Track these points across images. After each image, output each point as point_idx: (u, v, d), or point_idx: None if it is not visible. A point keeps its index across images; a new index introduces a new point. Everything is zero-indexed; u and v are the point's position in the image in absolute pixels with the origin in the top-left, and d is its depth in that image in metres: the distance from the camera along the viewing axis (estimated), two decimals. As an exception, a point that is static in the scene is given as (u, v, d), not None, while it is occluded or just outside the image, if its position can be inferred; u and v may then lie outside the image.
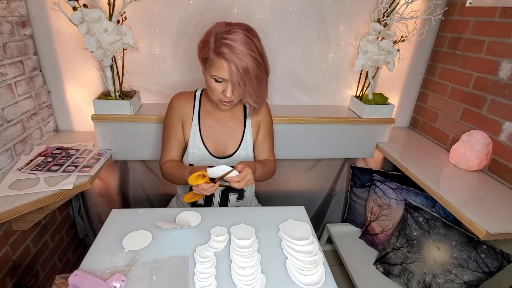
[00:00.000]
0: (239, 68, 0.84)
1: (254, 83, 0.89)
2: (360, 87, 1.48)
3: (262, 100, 1.00)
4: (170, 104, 1.08)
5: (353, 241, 1.59)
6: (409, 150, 1.44)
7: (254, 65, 0.86)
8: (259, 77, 0.90)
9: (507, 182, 1.16)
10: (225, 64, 0.85)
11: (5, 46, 1.07)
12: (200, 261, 0.79)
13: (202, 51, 0.91)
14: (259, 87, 0.92)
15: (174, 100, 1.08)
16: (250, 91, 0.90)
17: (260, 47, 0.89)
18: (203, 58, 0.92)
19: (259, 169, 1.01)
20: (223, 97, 0.93)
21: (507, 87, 1.15)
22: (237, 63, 0.84)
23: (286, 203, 1.76)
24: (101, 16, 1.05)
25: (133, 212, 0.98)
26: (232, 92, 0.92)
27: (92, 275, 0.70)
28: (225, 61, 0.85)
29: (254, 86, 0.90)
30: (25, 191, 0.97)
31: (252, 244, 0.86)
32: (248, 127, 1.10)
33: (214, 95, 0.95)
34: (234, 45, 0.84)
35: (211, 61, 0.88)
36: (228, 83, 0.90)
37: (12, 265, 1.13)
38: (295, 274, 0.77)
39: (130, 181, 1.60)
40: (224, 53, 0.84)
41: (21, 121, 1.16)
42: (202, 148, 1.06)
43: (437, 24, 1.45)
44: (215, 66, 0.88)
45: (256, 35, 0.90)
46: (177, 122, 1.07)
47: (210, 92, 0.96)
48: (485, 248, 1.08)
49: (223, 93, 0.92)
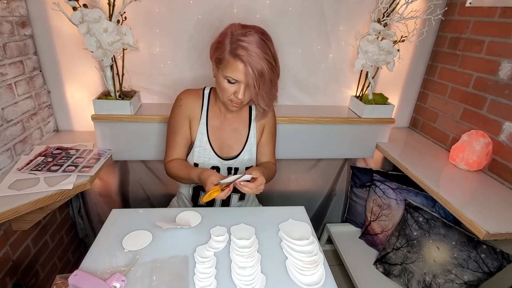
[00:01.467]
0: (255, 70, 0.85)
1: (268, 86, 0.90)
2: (360, 87, 1.48)
3: (272, 103, 1.01)
4: (177, 102, 1.06)
5: (353, 241, 1.59)
6: (409, 150, 1.44)
7: (269, 68, 0.87)
8: (272, 80, 0.91)
9: (507, 182, 1.16)
10: (241, 66, 0.85)
11: (5, 46, 1.07)
12: (200, 261, 0.79)
13: (217, 52, 0.91)
14: (271, 90, 0.93)
15: (182, 97, 1.06)
16: (263, 93, 0.91)
17: (273, 50, 0.90)
18: (218, 58, 0.91)
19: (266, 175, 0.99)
20: (234, 98, 0.93)
21: (507, 87, 1.15)
22: (253, 65, 0.84)
23: (286, 203, 1.76)
24: (101, 16, 1.05)
25: (133, 212, 0.98)
26: (244, 94, 0.92)
27: (92, 275, 0.70)
28: (242, 63, 0.85)
29: (267, 89, 0.90)
30: (25, 191, 0.97)
31: (252, 244, 0.86)
32: (252, 129, 1.09)
33: (224, 96, 0.94)
34: (250, 47, 0.84)
35: (226, 62, 0.88)
36: (241, 85, 0.90)
37: (12, 265, 1.13)
38: (295, 274, 0.77)
39: (130, 181, 1.60)
40: (241, 55, 0.84)
41: (21, 121, 1.16)
42: (209, 148, 1.06)
43: (437, 24, 1.45)
44: (230, 67, 0.87)
45: (270, 38, 0.90)
46: (184, 120, 1.05)
47: (220, 92, 0.95)
48: (485, 248, 1.08)
49: (235, 94, 0.92)
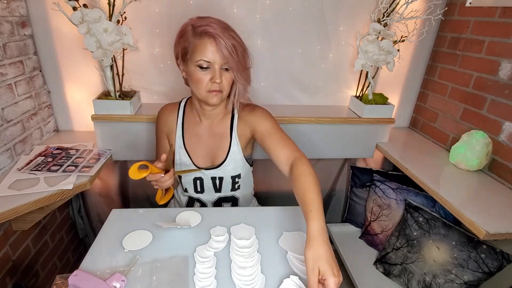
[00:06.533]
0: (226, 40, 0.83)
1: (241, 56, 0.88)
2: (360, 87, 1.48)
3: (249, 79, 0.97)
4: (157, 117, 1.10)
5: (353, 241, 1.59)
6: (409, 150, 1.44)
7: (238, 38, 0.87)
8: (244, 51, 0.89)
9: (507, 182, 1.16)
10: (210, 41, 0.83)
11: (5, 46, 1.07)
12: (200, 261, 0.79)
13: (180, 43, 0.89)
14: (246, 62, 0.91)
15: (159, 113, 1.09)
16: (240, 66, 0.88)
17: (235, 31, 0.89)
18: (183, 48, 0.89)
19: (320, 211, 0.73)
20: (212, 85, 0.88)
21: (507, 87, 1.15)
22: (222, 36, 0.83)
23: (286, 203, 1.75)
24: (101, 16, 1.05)
25: (133, 212, 0.98)
26: (220, 76, 0.87)
27: (92, 275, 0.70)
28: (210, 37, 0.83)
29: (242, 59, 0.89)
30: (25, 191, 0.97)
31: (252, 244, 0.86)
32: (234, 136, 1.02)
33: (201, 88, 0.89)
34: (213, 25, 0.84)
35: (193, 46, 0.85)
36: (215, 66, 0.86)
37: (12, 265, 1.13)
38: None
39: (130, 181, 1.60)
40: (208, 31, 0.83)
41: (21, 121, 1.16)
42: (188, 160, 1.05)
43: (437, 24, 1.45)
44: (199, 49, 0.85)
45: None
46: (162, 135, 1.09)
47: (196, 87, 0.90)
48: (485, 248, 1.08)
49: (211, 80, 0.87)
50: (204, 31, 0.83)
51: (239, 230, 0.92)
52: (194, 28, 0.86)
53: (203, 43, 0.84)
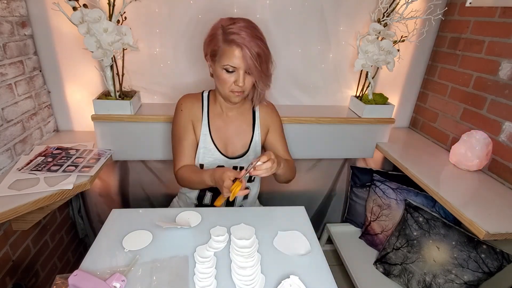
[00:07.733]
0: (251, 51, 0.88)
1: (264, 64, 0.93)
2: (360, 87, 1.48)
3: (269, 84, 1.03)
4: (178, 107, 1.07)
5: (353, 241, 1.59)
6: (409, 150, 1.44)
7: (263, 47, 0.91)
8: (267, 59, 0.95)
9: (507, 182, 1.16)
10: (237, 50, 0.89)
11: (5, 46, 1.07)
12: (200, 261, 0.79)
13: (211, 45, 0.94)
14: (268, 69, 0.97)
15: (182, 102, 1.07)
16: (262, 74, 0.95)
17: (261, 32, 0.94)
18: (212, 51, 0.94)
19: (282, 161, 0.96)
20: (235, 87, 0.95)
21: (507, 87, 1.15)
22: (248, 47, 0.88)
23: (286, 203, 1.75)
24: (101, 16, 1.05)
25: (133, 212, 0.98)
26: (244, 80, 0.94)
27: (92, 275, 0.70)
28: (237, 47, 0.88)
29: (264, 67, 0.94)
30: (25, 191, 0.97)
31: (252, 244, 0.86)
32: (257, 129, 1.11)
33: (225, 87, 0.96)
34: (241, 32, 0.88)
35: (222, 51, 0.91)
36: (240, 71, 0.92)
37: (12, 265, 1.13)
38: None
39: (130, 181, 1.59)
40: (235, 40, 0.88)
41: (21, 121, 1.16)
42: (213, 148, 1.06)
43: (437, 24, 1.45)
44: (226, 55, 0.90)
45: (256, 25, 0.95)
46: (188, 124, 1.06)
47: (221, 86, 0.97)
48: (485, 248, 1.08)
49: (235, 83, 0.94)
50: (232, 40, 0.89)
51: (239, 230, 0.92)
52: (224, 33, 0.90)
53: (231, 50, 0.90)
